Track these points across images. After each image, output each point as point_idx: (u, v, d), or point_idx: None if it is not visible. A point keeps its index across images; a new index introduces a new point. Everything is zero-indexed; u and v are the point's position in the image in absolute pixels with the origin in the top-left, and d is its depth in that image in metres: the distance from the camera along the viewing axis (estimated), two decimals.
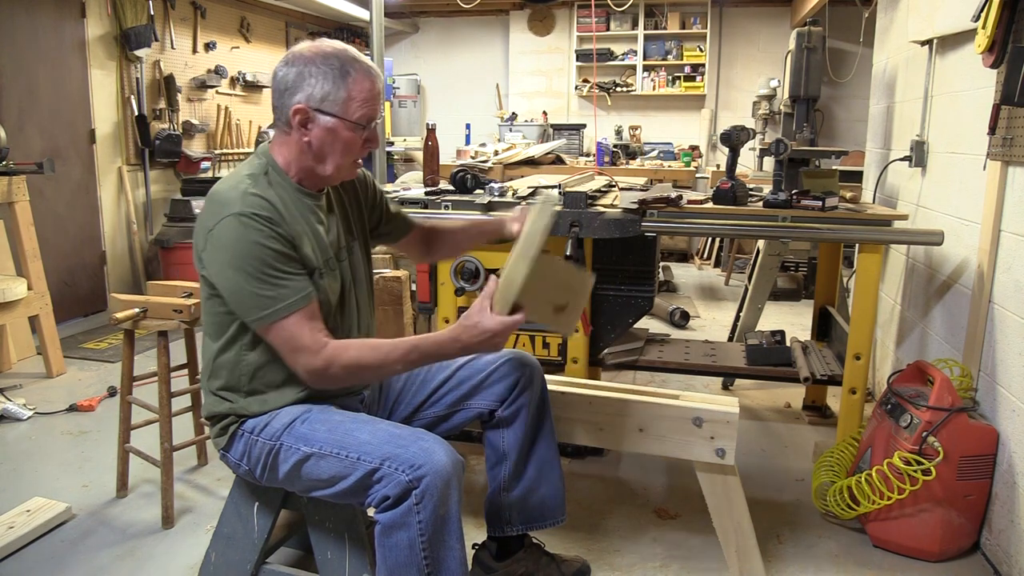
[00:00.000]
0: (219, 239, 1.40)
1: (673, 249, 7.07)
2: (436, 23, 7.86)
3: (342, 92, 1.44)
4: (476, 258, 2.60)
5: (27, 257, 3.53)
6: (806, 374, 2.61)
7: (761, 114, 6.69)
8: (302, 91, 1.44)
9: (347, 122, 1.46)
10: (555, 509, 1.84)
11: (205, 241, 1.43)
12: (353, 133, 1.48)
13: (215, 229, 1.40)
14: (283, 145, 1.52)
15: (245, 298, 1.40)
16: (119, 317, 2.21)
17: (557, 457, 1.85)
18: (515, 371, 1.77)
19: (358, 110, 1.46)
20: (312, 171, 1.52)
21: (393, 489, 1.38)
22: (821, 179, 2.46)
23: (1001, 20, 1.96)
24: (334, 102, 1.44)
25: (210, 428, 1.62)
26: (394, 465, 1.39)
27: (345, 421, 1.50)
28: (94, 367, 3.74)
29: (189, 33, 5.53)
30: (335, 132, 1.46)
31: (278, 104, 1.48)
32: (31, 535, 2.14)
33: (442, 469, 1.38)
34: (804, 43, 3.03)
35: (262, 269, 1.39)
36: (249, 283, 1.39)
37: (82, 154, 4.69)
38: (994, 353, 2.13)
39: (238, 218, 1.39)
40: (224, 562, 1.72)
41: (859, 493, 2.10)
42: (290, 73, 1.44)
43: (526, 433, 1.80)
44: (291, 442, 1.49)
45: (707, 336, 4.22)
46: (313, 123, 1.46)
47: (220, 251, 1.40)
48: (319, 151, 1.48)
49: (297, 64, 1.44)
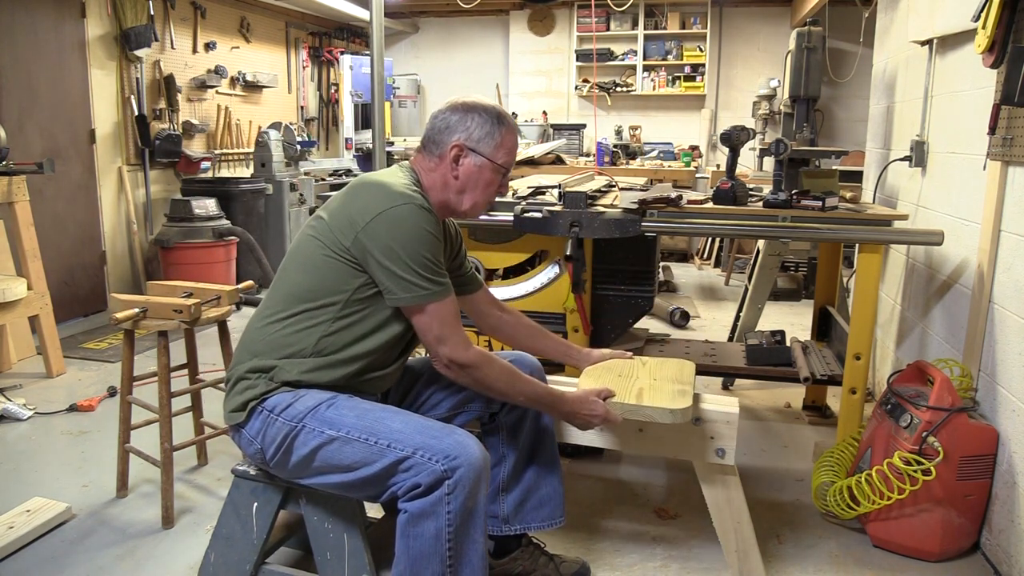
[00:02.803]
0: (396, 220, 1.53)
1: (673, 249, 7.07)
2: (436, 23, 7.87)
3: (496, 137, 1.65)
4: (476, 258, 2.60)
5: (27, 257, 3.53)
6: (806, 374, 2.61)
7: (761, 114, 6.69)
8: (461, 131, 1.64)
9: (494, 164, 1.66)
10: (554, 511, 1.86)
11: (371, 219, 1.53)
12: (495, 175, 1.68)
13: (390, 211, 1.53)
14: (429, 172, 1.67)
15: (407, 276, 1.52)
16: (119, 317, 2.21)
17: (557, 459, 1.86)
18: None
19: (504, 156, 1.67)
20: (447, 203, 1.68)
21: (426, 478, 1.42)
22: (821, 179, 2.46)
23: (1001, 20, 1.96)
24: (487, 144, 1.65)
25: (226, 402, 1.62)
26: (428, 455, 1.43)
27: (374, 409, 1.54)
28: (94, 367, 3.74)
29: (189, 33, 5.53)
30: (482, 170, 1.66)
31: (436, 139, 1.66)
32: (31, 535, 2.14)
33: (476, 462, 1.43)
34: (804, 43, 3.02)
35: (431, 256, 1.55)
36: (416, 265, 1.53)
37: (82, 154, 4.69)
38: (994, 353, 2.13)
39: (420, 208, 1.55)
40: (223, 562, 1.72)
41: (859, 493, 2.10)
42: (453, 116, 1.65)
43: (527, 436, 1.82)
44: (315, 425, 1.51)
45: (707, 336, 4.22)
46: (465, 159, 1.65)
47: (394, 229, 1.52)
48: (463, 185, 1.66)
49: (460, 111, 1.65)
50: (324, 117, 7.48)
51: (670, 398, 1.70)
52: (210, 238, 4.65)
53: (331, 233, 1.57)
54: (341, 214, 1.58)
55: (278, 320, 1.60)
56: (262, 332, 1.61)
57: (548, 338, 1.99)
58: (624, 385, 1.78)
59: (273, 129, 5.62)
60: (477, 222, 2.52)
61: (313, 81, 7.30)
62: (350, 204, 1.58)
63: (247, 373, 1.59)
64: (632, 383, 1.79)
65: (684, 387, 1.77)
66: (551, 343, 1.98)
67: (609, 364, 1.93)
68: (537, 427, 1.83)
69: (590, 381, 1.81)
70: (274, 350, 1.58)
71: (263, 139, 5.47)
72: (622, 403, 1.70)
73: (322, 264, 1.58)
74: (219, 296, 2.42)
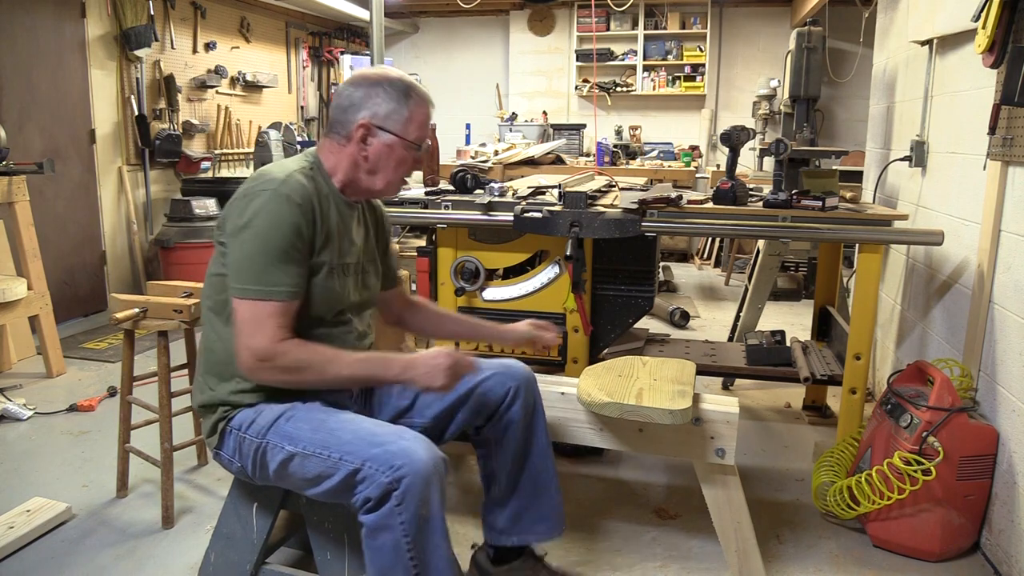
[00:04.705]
0: (250, 206, 1.46)
1: (673, 249, 7.06)
2: (436, 23, 7.86)
3: (404, 112, 1.56)
4: (476, 258, 2.60)
5: (27, 257, 3.53)
6: (806, 374, 2.61)
7: (761, 114, 6.69)
8: (367, 108, 1.55)
9: (405, 141, 1.57)
10: (551, 524, 1.80)
11: (236, 207, 1.49)
12: (407, 152, 1.59)
13: (250, 196, 1.48)
14: (334, 153, 1.60)
15: (246, 263, 1.45)
16: (119, 317, 2.21)
17: (552, 469, 1.79)
18: (502, 385, 1.72)
19: (415, 131, 1.58)
20: (359, 183, 1.61)
21: (374, 491, 1.38)
22: (821, 179, 2.46)
23: (1001, 20, 1.96)
24: (396, 121, 1.56)
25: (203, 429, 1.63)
26: (375, 466, 1.39)
27: (328, 420, 1.50)
28: (94, 367, 3.74)
29: (189, 33, 5.53)
30: (392, 148, 1.57)
31: (340, 118, 1.58)
32: (31, 535, 2.14)
33: (422, 469, 1.37)
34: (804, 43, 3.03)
35: (275, 247, 1.45)
36: (257, 252, 1.44)
37: (82, 154, 4.69)
38: (994, 353, 2.13)
39: (276, 193, 1.46)
40: (224, 562, 1.72)
41: (859, 493, 2.10)
42: (357, 92, 1.56)
43: (516, 449, 1.75)
44: (276, 440, 1.49)
45: (707, 336, 4.22)
46: (374, 138, 1.57)
47: (247, 216, 1.46)
48: (374, 165, 1.59)
49: (364, 85, 1.56)
50: (324, 117, 7.48)
51: (669, 398, 1.70)
52: (210, 238, 4.65)
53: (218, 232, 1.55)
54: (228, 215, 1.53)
55: (212, 335, 1.58)
56: (205, 349, 1.60)
57: (457, 321, 1.94)
58: (624, 385, 1.78)
59: (273, 129, 5.62)
60: (477, 222, 2.52)
61: (313, 81, 7.30)
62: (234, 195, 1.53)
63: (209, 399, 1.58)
64: (632, 383, 1.79)
65: (684, 387, 1.77)
66: (462, 325, 1.94)
67: (609, 364, 1.93)
68: (530, 440, 1.76)
69: (591, 381, 1.81)
70: (222, 365, 1.56)
71: (263, 139, 5.47)
72: (621, 403, 1.69)
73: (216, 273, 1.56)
74: None
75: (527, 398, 1.74)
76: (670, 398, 1.70)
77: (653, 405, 1.67)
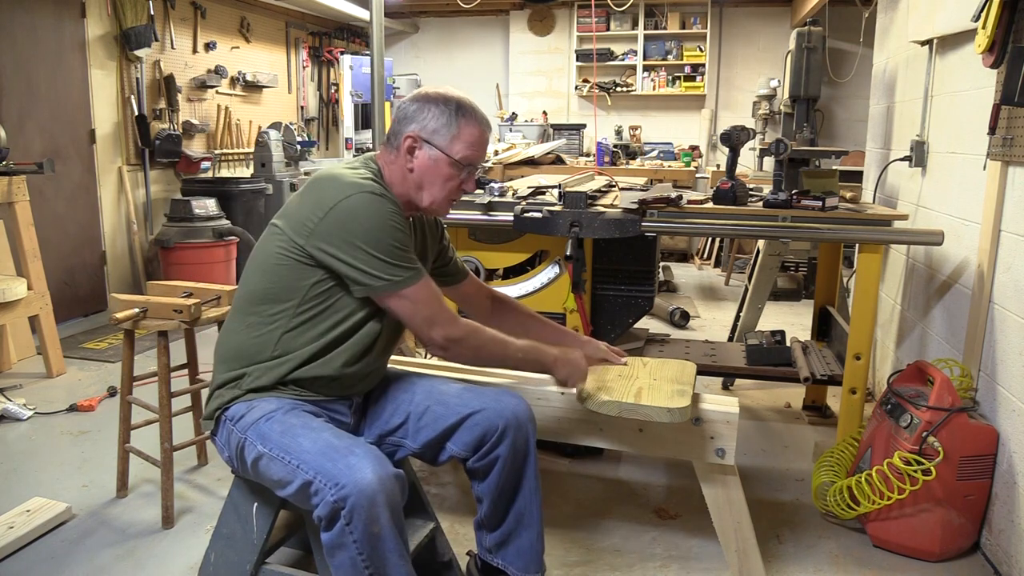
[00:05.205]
0: (348, 212, 1.49)
1: (673, 249, 7.07)
2: (436, 23, 7.87)
3: (453, 130, 1.58)
4: (476, 258, 2.60)
5: (27, 257, 3.53)
6: (806, 374, 2.61)
7: (761, 114, 6.69)
8: (417, 122, 1.58)
9: (449, 158, 1.58)
10: (529, 564, 1.73)
11: (323, 216, 1.50)
12: (452, 170, 1.60)
13: (341, 204, 1.49)
14: (390, 165, 1.63)
15: (374, 267, 1.49)
16: (119, 317, 2.21)
17: (537, 513, 1.73)
18: (491, 422, 1.65)
19: (462, 150, 1.59)
20: (410, 199, 1.63)
21: (323, 510, 1.38)
22: (821, 179, 2.46)
23: (1001, 20, 1.96)
24: (443, 136, 1.58)
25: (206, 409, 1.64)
26: (324, 481, 1.38)
27: (297, 425, 1.50)
28: (94, 367, 3.74)
29: (189, 33, 5.53)
30: (437, 163, 1.59)
31: (394, 130, 1.62)
32: (31, 535, 2.14)
33: (366, 488, 1.35)
34: (804, 43, 3.03)
35: (393, 242, 1.51)
36: (380, 253, 1.49)
37: (82, 154, 4.69)
38: (994, 353, 2.13)
39: (371, 195, 1.51)
40: (224, 562, 1.72)
41: (859, 493, 2.10)
42: (412, 106, 1.60)
43: (503, 486, 1.69)
44: (252, 438, 1.51)
45: (707, 336, 4.22)
46: (420, 151, 1.59)
47: (348, 223, 1.49)
48: (419, 180, 1.60)
49: (420, 100, 1.60)
50: (324, 117, 7.48)
51: (668, 397, 1.70)
52: (210, 238, 4.65)
53: (285, 233, 1.54)
54: (296, 214, 1.55)
55: (240, 325, 1.59)
56: (227, 339, 1.61)
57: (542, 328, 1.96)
58: (624, 385, 1.78)
59: (273, 129, 5.62)
60: (476, 222, 2.52)
61: (313, 81, 7.30)
62: (304, 202, 1.55)
63: (220, 382, 1.60)
64: (632, 383, 1.79)
65: (683, 387, 1.77)
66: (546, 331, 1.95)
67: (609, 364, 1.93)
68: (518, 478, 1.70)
69: (590, 380, 1.81)
70: (240, 357, 1.58)
71: (263, 139, 5.47)
72: (620, 402, 1.69)
73: (277, 264, 1.56)
74: (219, 296, 2.42)
75: (516, 439, 1.66)
76: (669, 397, 1.70)
77: (652, 404, 1.67)
